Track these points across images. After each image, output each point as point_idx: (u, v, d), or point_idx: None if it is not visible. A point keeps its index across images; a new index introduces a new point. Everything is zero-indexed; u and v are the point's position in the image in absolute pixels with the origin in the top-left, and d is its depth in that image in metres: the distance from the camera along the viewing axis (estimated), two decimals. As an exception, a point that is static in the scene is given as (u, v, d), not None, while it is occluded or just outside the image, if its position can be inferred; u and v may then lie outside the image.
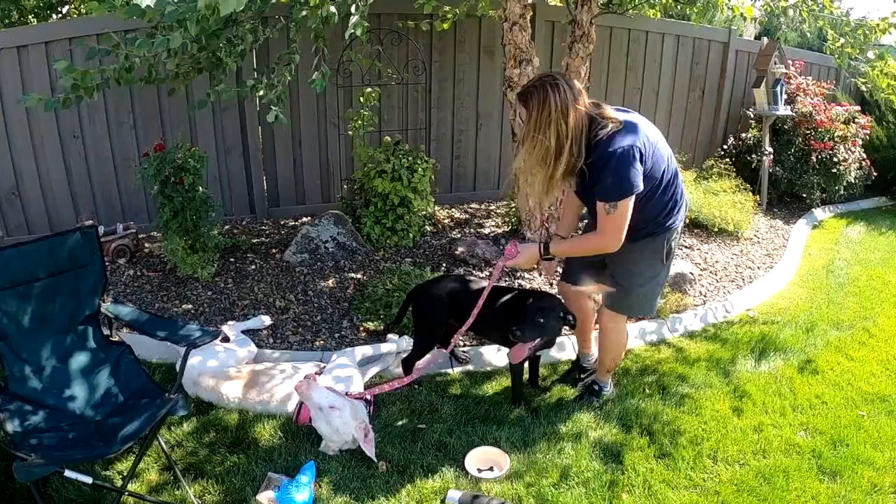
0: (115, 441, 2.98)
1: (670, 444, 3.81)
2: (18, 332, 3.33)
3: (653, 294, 3.90)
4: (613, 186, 3.25)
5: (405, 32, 6.80)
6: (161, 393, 3.31)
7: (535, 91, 3.22)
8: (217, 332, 3.37)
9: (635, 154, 3.22)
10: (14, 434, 2.96)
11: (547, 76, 3.28)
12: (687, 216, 6.97)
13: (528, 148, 3.29)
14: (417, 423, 3.96)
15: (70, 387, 3.36)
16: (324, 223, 6.06)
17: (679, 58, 8.69)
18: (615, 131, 3.23)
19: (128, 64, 4.07)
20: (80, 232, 3.51)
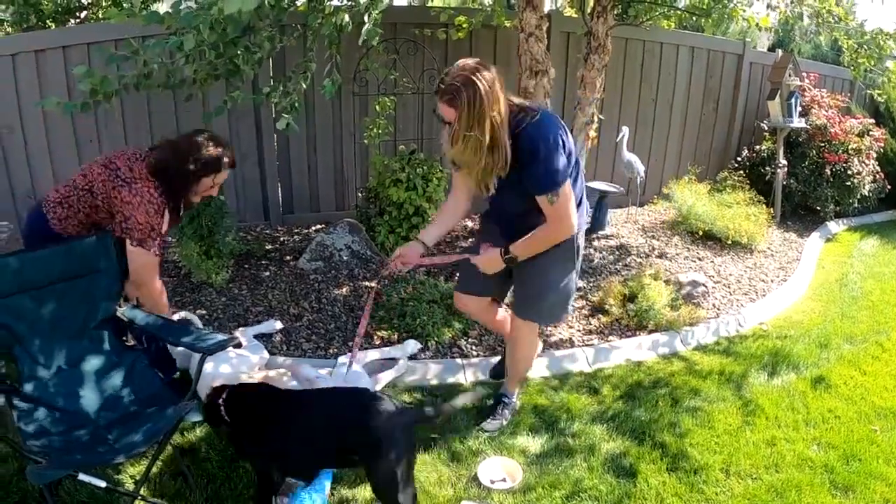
0: (127, 446, 2.99)
1: (683, 458, 3.79)
2: (34, 336, 3.33)
3: (566, 298, 3.80)
4: (547, 176, 3.18)
5: (421, 41, 6.82)
6: (175, 398, 3.32)
7: (463, 88, 3.00)
8: (233, 338, 3.35)
9: (559, 141, 3.18)
10: (27, 436, 2.97)
11: (469, 68, 3.08)
12: (701, 228, 7.08)
13: (462, 148, 3.10)
14: (430, 432, 3.94)
15: (84, 390, 3.35)
16: (338, 231, 6.09)
17: (694, 69, 8.70)
18: (536, 120, 3.16)
19: (146, 70, 4.10)
20: (97, 237, 3.51)
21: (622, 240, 7.20)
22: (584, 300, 5.70)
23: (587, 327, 5.33)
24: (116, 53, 4.06)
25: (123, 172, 3.59)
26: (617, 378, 4.69)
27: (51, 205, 3.62)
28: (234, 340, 3.35)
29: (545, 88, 5.60)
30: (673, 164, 9.00)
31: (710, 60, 8.80)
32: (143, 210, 3.56)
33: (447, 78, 3.09)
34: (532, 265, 3.58)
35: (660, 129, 8.75)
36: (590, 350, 4.99)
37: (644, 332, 5.28)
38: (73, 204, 3.65)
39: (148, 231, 3.60)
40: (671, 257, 6.79)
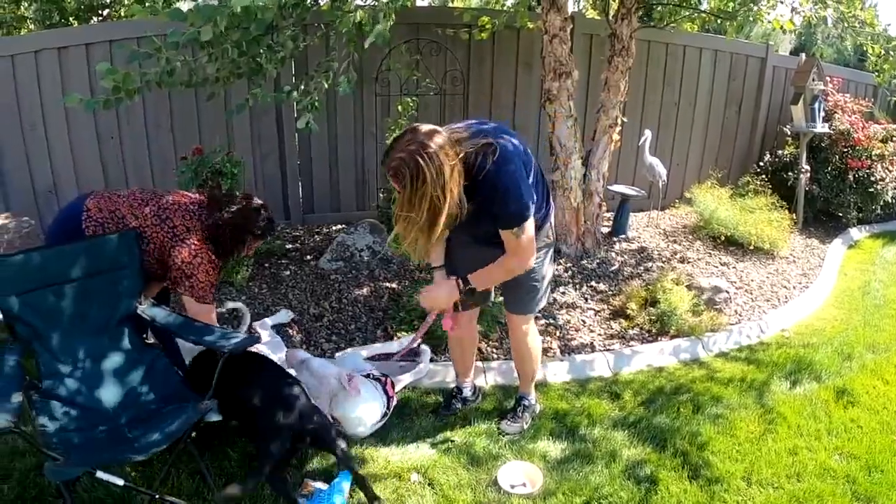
0: (146, 444, 2.98)
1: (704, 466, 3.75)
2: (54, 332, 3.34)
3: (549, 280, 3.82)
4: (515, 213, 3.13)
5: (444, 42, 6.80)
6: (195, 397, 3.31)
7: (405, 167, 2.84)
8: (256, 337, 3.35)
9: (521, 172, 3.12)
10: (46, 432, 2.97)
11: (412, 143, 2.87)
12: (723, 233, 7.03)
13: (404, 225, 3.02)
14: (450, 434, 3.95)
15: (103, 388, 3.36)
16: (359, 231, 6.08)
17: (716, 73, 8.63)
18: (496, 159, 3.05)
19: (169, 67, 4.10)
20: (119, 234, 3.51)
21: (643, 244, 7.15)
22: (606, 304, 5.67)
23: (608, 332, 5.30)
24: (139, 51, 4.06)
25: (180, 231, 3.64)
26: (638, 384, 4.66)
27: (91, 221, 3.59)
28: (257, 340, 3.34)
29: (568, 91, 5.57)
30: (695, 168, 8.93)
31: (732, 64, 8.72)
32: (203, 270, 3.64)
33: (392, 151, 2.94)
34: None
35: (682, 133, 8.69)
36: (611, 355, 4.97)
37: (666, 338, 5.25)
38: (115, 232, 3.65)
39: (208, 288, 3.69)
40: (693, 262, 6.74)
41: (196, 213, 3.74)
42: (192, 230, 3.66)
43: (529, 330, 3.95)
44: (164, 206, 3.69)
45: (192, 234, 3.66)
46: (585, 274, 6.18)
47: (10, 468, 3.44)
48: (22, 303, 3.26)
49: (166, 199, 3.75)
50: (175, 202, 3.74)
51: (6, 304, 3.23)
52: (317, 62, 4.95)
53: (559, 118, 5.59)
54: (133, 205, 3.66)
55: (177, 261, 3.60)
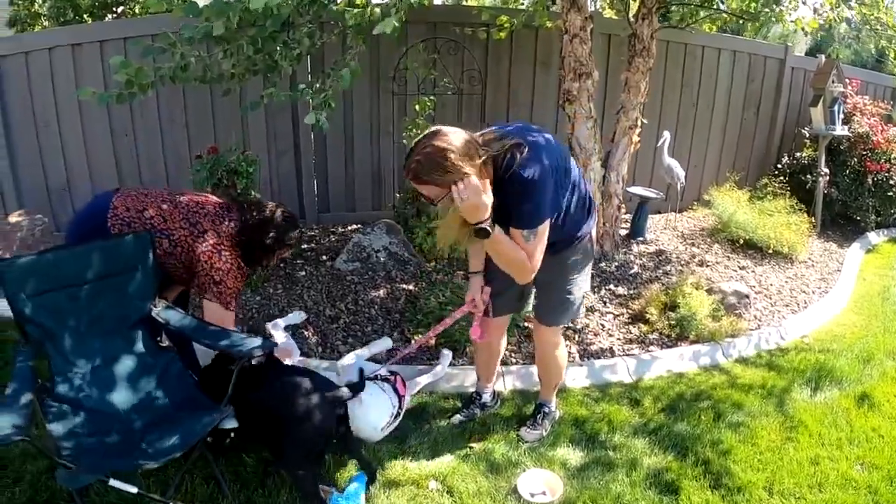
0: (160, 451, 2.92)
1: (726, 475, 3.69)
2: (66, 334, 3.28)
3: (583, 294, 3.77)
4: (530, 213, 3.06)
5: (461, 41, 6.73)
6: (209, 403, 3.26)
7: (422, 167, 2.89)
8: (272, 343, 3.29)
9: (549, 174, 3.05)
10: (58, 436, 2.91)
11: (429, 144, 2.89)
12: (741, 236, 6.95)
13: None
14: (469, 441, 3.89)
15: (117, 392, 3.29)
16: (376, 232, 6.02)
17: (735, 73, 8.54)
18: (525, 158, 3.01)
19: (183, 63, 4.05)
20: (133, 235, 3.45)
21: (661, 246, 7.08)
22: (625, 308, 5.61)
23: (627, 336, 5.24)
24: (154, 45, 4.01)
25: (211, 237, 3.59)
26: (658, 390, 4.60)
27: (118, 219, 3.54)
28: (272, 345, 3.28)
29: (588, 91, 5.50)
30: (712, 170, 8.85)
31: (751, 64, 8.64)
32: (232, 276, 3.61)
33: (411, 153, 2.96)
34: (556, 272, 3.54)
35: (699, 134, 8.61)
36: (631, 360, 4.91)
37: (685, 343, 5.19)
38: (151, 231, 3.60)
39: (235, 294, 3.66)
40: (711, 265, 6.66)
41: (225, 218, 3.69)
42: (222, 236, 3.61)
43: (558, 342, 3.91)
44: (194, 210, 3.64)
45: (222, 240, 3.61)
46: (604, 277, 6.13)
47: (22, 471, 3.40)
48: (35, 304, 3.19)
49: (195, 202, 3.70)
50: (204, 206, 3.70)
51: (19, 306, 3.17)
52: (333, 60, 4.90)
53: (579, 119, 5.53)
54: (161, 206, 3.61)
55: (206, 266, 3.55)
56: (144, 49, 4.03)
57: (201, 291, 3.63)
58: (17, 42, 6.60)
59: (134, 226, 3.53)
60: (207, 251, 3.55)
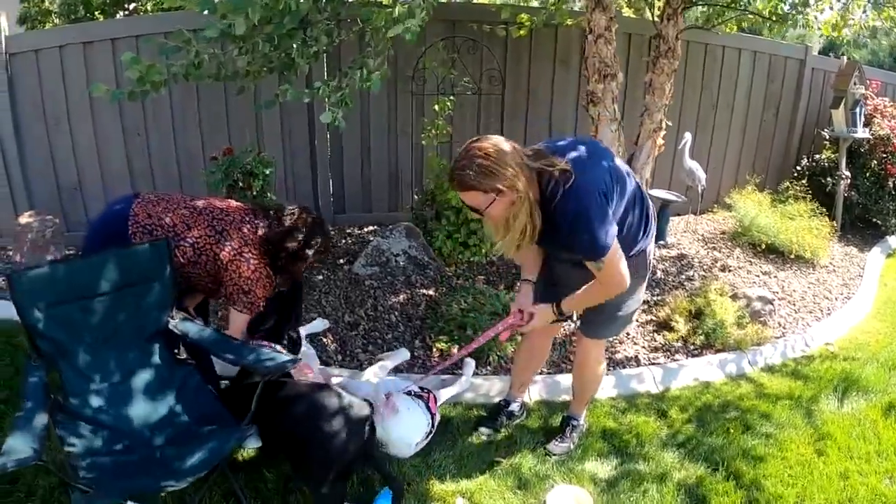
0: (181, 472, 2.79)
1: (756, 489, 3.61)
2: (80, 348, 3.16)
3: (634, 310, 3.65)
4: (592, 247, 2.96)
5: (481, 39, 6.62)
6: (230, 419, 3.13)
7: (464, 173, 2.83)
8: (297, 358, 3.17)
9: (600, 201, 2.93)
10: (73, 455, 2.79)
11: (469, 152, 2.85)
12: (763, 241, 6.85)
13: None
14: (495, 455, 3.79)
15: (133, 408, 3.17)
16: (395, 235, 5.90)
17: (755, 74, 8.41)
18: (573, 185, 2.90)
19: (197, 60, 3.93)
20: (150, 244, 3.33)
21: (683, 250, 6.98)
22: (650, 315, 5.51)
23: (652, 344, 5.15)
24: (167, 43, 3.90)
25: (238, 245, 3.49)
26: (685, 400, 4.51)
27: (139, 227, 3.44)
28: (297, 361, 3.15)
29: (613, 93, 5.38)
30: (731, 172, 8.73)
31: (771, 65, 8.51)
32: (261, 285, 3.53)
33: (455, 164, 2.92)
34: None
35: (719, 136, 8.48)
36: (657, 369, 4.82)
37: (711, 351, 5.11)
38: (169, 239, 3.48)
39: (262, 303, 3.58)
40: (734, 270, 6.55)
41: (251, 224, 3.59)
42: (249, 243, 3.51)
43: (598, 355, 3.82)
44: (218, 217, 3.54)
45: (249, 247, 3.51)
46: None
47: (35, 485, 3.28)
48: (47, 317, 3.08)
49: (218, 208, 3.60)
50: (228, 212, 3.60)
51: (31, 320, 3.05)
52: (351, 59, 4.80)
53: (602, 121, 5.41)
54: (184, 212, 3.51)
55: (233, 275, 3.45)
56: (159, 47, 3.91)
57: (230, 302, 3.53)
58: (28, 40, 6.51)
59: (156, 233, 3.42)
60: (235, 259, 3.45)
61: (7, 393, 4.06)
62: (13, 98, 6.22)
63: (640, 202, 3.26)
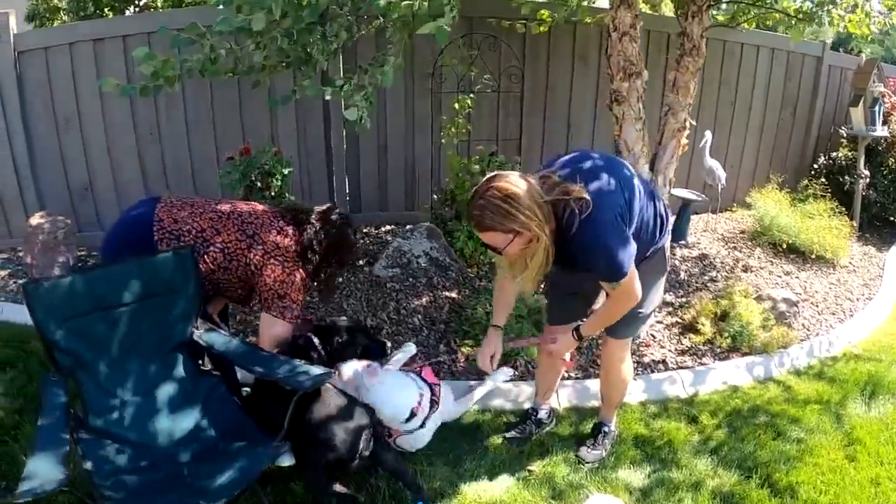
0: (214, 491, 2.64)
1: (790, 496, 3.55)
2: (101, 361, 3.06)
3: (654, 308, 3.64)
4: (609, 270, 2.97)
5: (500, 36, 6.53)
6: (258, 433, 3.02)
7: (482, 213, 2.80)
8: (331, 372, 3.05)
9: (617, 224, 2.91)
10: (95, 474, 2.65)
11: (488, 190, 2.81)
12: (784, 240, 6.76)
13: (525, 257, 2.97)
14: (527, 463, 3.72)
15: (157, 423, 3.06)
16: (416, 236, 5.81)
17: (773, 71, 8.32)
18: (590, 215, 2.85)
19: (213, 55, 3.83)
20: (174, 252, 3.22)
21: (704, 250, 6.88)
22: (675, 317, 5.44)
23: (679, 347, 5.08)
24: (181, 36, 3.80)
25: (270, 248, 3.41)
26: (714, 405, 4.44)
27: (164, 232, 3.34)
28: (332, 375, 3.03)
29: (638, 91, 5.27)
30: (748, 171, 8.65)
31: (789, 62, 8.42)
32: (296, 288, 3.45)
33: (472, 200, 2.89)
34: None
35: (737, 134, 8.39)
36: (686, 373, 4.75)
37: (738, 354, 5.03)
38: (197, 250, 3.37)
39: (299, 308, 3.49)
40: (755, 271, 6.47)
41: (280, 227, 3.50)
42: (280, 246, 3.42)
43: (625, 356, 3.74)
44: (247, 220, 3.46)
45: (282, 250, 3.42)
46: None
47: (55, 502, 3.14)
48: (67, 331, 2.97)
49: (246, 212, 3.52)
50: (257, 215, 3.51)
51: (49, 333, 2.94)
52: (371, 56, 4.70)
53: (627, 121, 5.30)
54: (212, 218, 3.41)
55: (268, 280, 3.37)
56: (172, 40, 3.80)
57: (264, 307, 3.43)
58: (36, 38, 6.42)
59: (184, 239, 3.32)
60: (268, 262, 3.37)
61: (21, 401, 3.99)
62: (22, 97, 6.15)
63: (652, 202, 3.23)
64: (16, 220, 6.37)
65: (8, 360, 4.47)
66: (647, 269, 3.28)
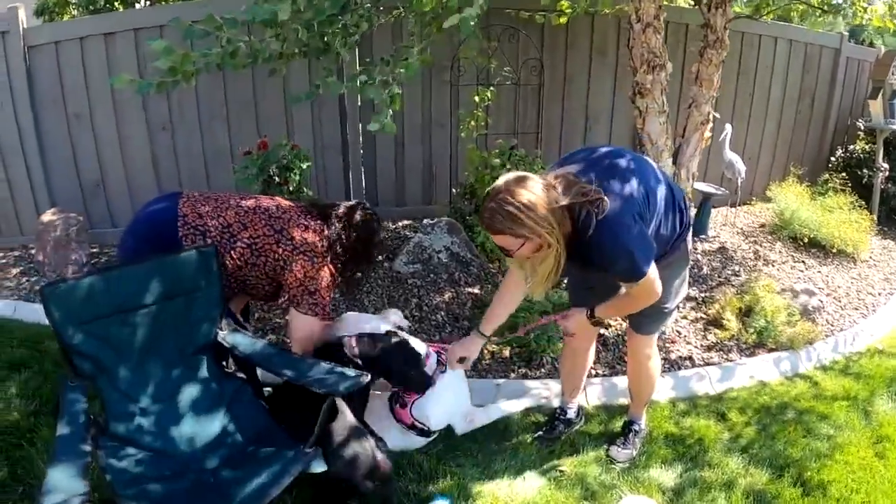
0: (241, 499, 2.55)
1: (822, 495, 3.49)
2: (121, 365, 2.95)
3: (681, 298, 3.55)
4: (629, 271, 2.90)
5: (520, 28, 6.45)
6: (287, 440, 2.90)
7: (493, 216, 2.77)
8: (365, 373, 2.95)
9: (634, 224, 2.83)
10: (116, 483, 2.54)
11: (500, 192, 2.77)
12: (805, 234, 6.68)
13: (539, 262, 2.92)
14: (557, 463, 3.65)
15: (181, 428, 2.97)
16: (436, 231, 5.72)
17: (791, 63, 8.21)
18: (606, 216, 2.78)
19: (231, 48, 3.74)
20: (197, 251, 3.12)
21: (724, 244, 6.79)
22: (699, 313, 5.37)
23: (704, 343, 5.02)
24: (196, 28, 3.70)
25: (299, 243, 3.32)
26: (743, 401, 4.40)
27: (189, 228, 3.26)
28: (365, 377, 2.93)
29: (662, 84, 5.20)
30: (766, 164, 8.55)
31: (807, 54, 8.31)
32: (326, 284, 3.36)
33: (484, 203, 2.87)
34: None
35: (755, 126, 8.29)
36: (713, 370, 4.70)
37: (763, 350, 4.98)
38: (223, 246, 3.29)
39: (328, 306, 3.41)
40: (777, 265, 6.40)
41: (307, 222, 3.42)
42: (309, 241, 3.34)
43: (652, 352, 3.67)
44: (275, 215, 3.38)
45: (310, 245, 3.34)
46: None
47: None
48: (86, 334, 2.86)
49: (273, 206, 3.44)
50: (284, 210, 3.44)
51: (67, 337, 2.83)
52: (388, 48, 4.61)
53: (650, 113, 5.23)
54: (238, 213, 3.34)
55: (298, 275, 3.28)
56: (185, 31, 3.69)
57: (293, 304, 3.34)
58: (46, 32, 6.34)
59: (209, 234, 3.24)
60: (298, 258, 3.28)
61: (37, 403, 3.92)
62: (32, 92, 6.08)
63: (671, 197, 3.14)
64: (27, 218, 6.32)
65: (22, 361, 4.40)
66: (669, 262, 3.23)
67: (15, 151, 6.17)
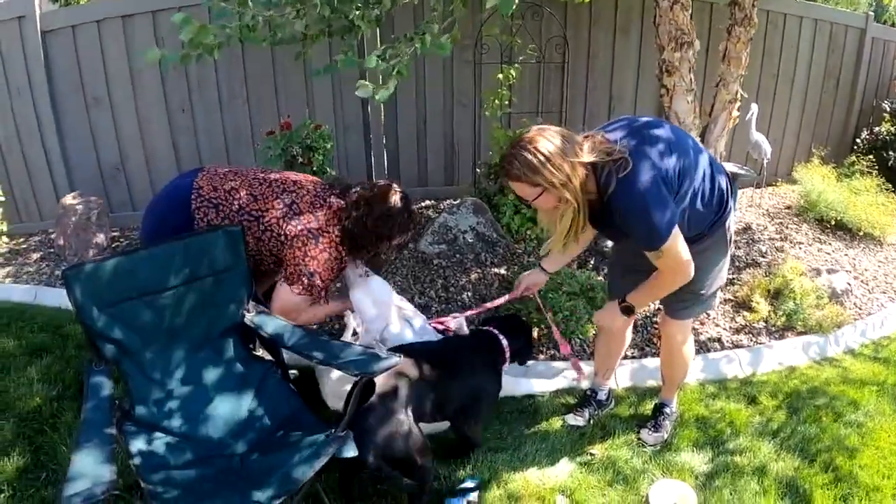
0: (273, 484, 2.45)
1: (853, 482, 3.43)
2: (147, 349, 2.91)
3: (719, 285, 3.45)
4: (648, 235, 2.83)
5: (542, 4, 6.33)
6: (318, 423, 2.83)
7: (510, 163, 2.81)
8: (398, 355, 2.88)
9: (658, 189, 2.77)
10: (141, 468, 2.50)
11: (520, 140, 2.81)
12: (832, 217, 6.58)
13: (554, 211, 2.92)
14: (588, 446, 3.61)
15: (209, 412, 2.92)
16: (462, 212, 5.65)
17: (816, 43, 8.08)
18: (625, 177, 2.75)
19: (252, 22, 3.69)
20: (223, 230, 3.06)
21: (751, 225, 6.70)
22: (727, 294, 5.30)
23: (733, 326, 4.96)
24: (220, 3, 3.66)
25: (307, 219, 3.27)
26: (772, 385, 4.34)
27: (203, 200, 3.22)
28: (398, 360, 2.87)
29: (690, 62, 5.12)
30: (790, 144, 8.43)
31: (832, 34, 8.17)
32: (328, 267, 3.30)
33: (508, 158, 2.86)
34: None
35: (779, 107, 8.16)
36: (743, 353, 4.65)
37: (792, 333, 4.91)
38: (230, 218, 3.25)
39: (325, 288, 3.36)
40: (804, 248, 6.30)
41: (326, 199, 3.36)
42: (321, 220, 3.29)
43: (686, 338, 3.61)
44: (290, 189, 3.34)
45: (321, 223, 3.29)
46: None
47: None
48: (109, 317, 2.81)
49: (291, 181, 3.39)
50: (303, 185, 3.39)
51: (90, 320, 2.77)
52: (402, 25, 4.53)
53: (678, 92, 5.16)
54: (252, 184, 3.29)
55: (298, 253, 3.23)
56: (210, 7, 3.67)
57: (287, 281, 3.28)
58: (63, 16, 6.32)
59: (221, 208, 3.20)
60: (302, 235, 3.22)
61: (59, 388, 3.90)
62: (50, 77, 6.09)
63: (704, 183, 3.04)
64: (47, 203, 6.33)
65: (43, 346, 4.39)
66: (707, 246, 3.17)
67: (34, 137, 6.16)
